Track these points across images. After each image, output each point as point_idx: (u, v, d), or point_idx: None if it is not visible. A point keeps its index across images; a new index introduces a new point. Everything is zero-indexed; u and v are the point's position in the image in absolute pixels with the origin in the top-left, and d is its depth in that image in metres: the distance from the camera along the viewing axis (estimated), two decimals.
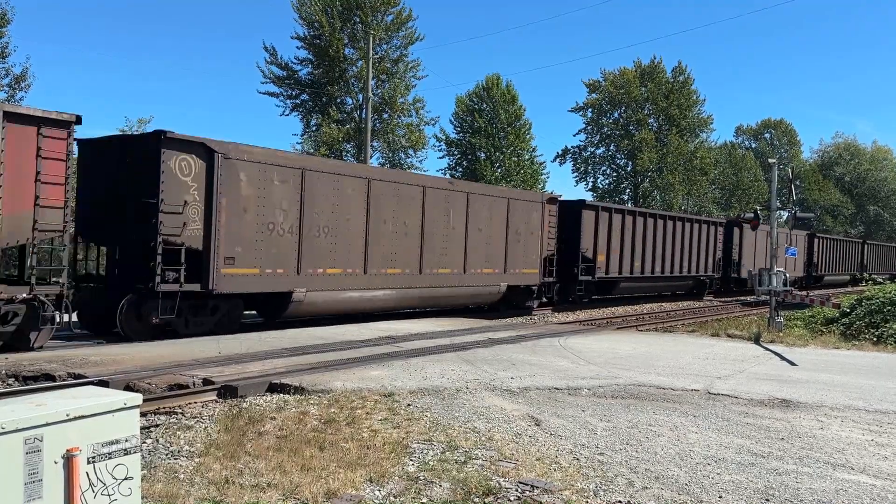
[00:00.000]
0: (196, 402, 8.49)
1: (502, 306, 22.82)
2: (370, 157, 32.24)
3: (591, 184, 59.22)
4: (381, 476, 5.76)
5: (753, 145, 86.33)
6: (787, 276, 20.08)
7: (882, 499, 5.69)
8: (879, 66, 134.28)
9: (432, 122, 42.95)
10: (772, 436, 7.50)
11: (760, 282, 19.40)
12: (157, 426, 7.33)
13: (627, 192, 58.90)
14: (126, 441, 4.03)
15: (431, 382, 9.66)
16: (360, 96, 39.23)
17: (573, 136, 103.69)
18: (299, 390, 8.88)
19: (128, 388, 8.60)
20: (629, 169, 58.13)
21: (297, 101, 40.56)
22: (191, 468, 5.91)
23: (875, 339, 17.14)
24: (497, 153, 44.95)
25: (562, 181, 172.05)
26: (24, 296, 11.76)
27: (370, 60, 33.88)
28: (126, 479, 4.02)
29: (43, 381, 9.56)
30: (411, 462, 6.19)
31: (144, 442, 6.56)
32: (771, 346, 15.56)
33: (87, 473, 3.83)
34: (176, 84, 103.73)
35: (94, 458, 3.87)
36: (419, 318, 19.26)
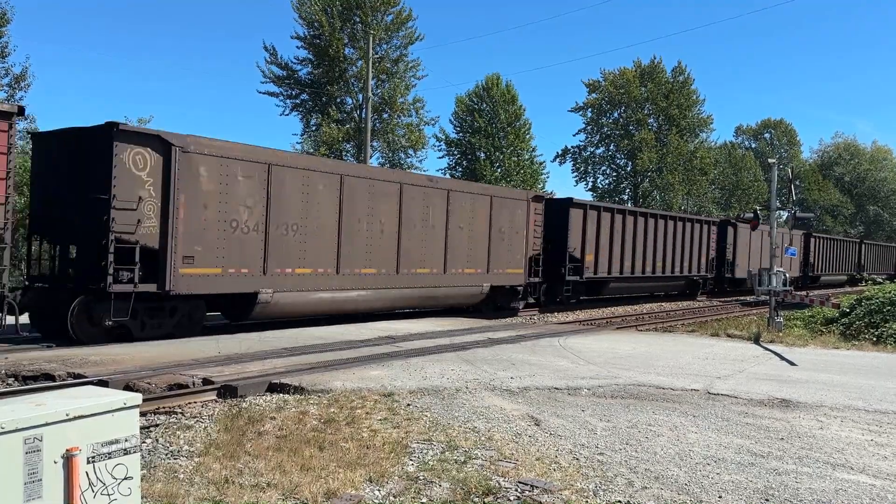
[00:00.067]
0: (196, 402, 8.49)
1: (486, 307, 21.84)
2: (370, 157, 32.25)
3: (590, 184, 59.44)
4: (380, 476, 5.76)
5: (753, 145, 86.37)
6: (787, 275, 20.09)
7: (882, 499, 5.69)
8: (879, 66, 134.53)
9: (432, 121, 43.10)
10: (771, 436, 7.50)
11: (760, 282, 19.42)
12: (157, 426, 7.33)
13: (627, 192, 58.97)
14: (126, 441, 4.04)
15: (431, 382, 9.67)
16: (359, 96, 39.26)
17: (573, 136, 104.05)
18: (299, 390, 8.88)
19: (127, 387, 8.61)
20: (629, 169, 58.19)
21: (296, 100, 40.66)
22: (190, 468, 5.91)
23: (875, 339, 17.13)
24: (497, 153, 44.96)
25: (562, 181, 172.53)
26: None
27: (370, 60, 33.88)
28: (126, 478, 4.02)
29: (42, 380, 9.58)
30: (411, 462, 6.19)
31: (144, 442, 6.56)
32: (770, 346, 15.56)
33: (86, 473, 3.84)
34: (176, 84, 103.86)
35: (93, 457, 3.87)
36: (419, 318, 19.25)
